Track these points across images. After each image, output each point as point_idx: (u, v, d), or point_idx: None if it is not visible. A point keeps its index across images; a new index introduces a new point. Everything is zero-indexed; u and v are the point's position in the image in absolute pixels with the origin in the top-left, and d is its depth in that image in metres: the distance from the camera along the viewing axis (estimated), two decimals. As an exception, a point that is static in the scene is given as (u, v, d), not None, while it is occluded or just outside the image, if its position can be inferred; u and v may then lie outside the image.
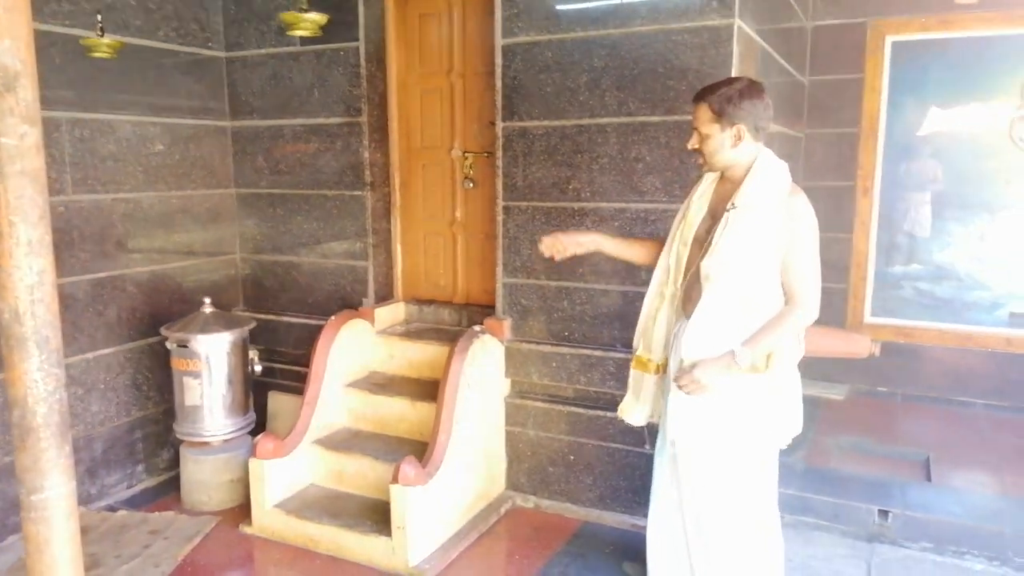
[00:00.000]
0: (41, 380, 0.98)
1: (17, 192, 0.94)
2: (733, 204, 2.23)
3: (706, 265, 2.24)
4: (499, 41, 3.43)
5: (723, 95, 2.22)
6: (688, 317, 2.31)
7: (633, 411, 2.61)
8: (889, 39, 4.69)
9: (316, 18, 3.32)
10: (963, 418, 4.43)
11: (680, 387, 2.27)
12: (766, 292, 2.25)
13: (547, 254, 2.65)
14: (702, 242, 2.31)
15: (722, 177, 2.37)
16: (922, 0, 4.45)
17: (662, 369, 2.48)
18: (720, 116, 2.21)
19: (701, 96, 2.27)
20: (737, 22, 3.01)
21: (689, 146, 2.33)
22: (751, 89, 2.23)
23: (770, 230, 2.18)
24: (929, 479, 3.63)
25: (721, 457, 2.34)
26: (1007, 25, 4.36)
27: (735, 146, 2.24)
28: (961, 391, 4.57)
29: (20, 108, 0.94)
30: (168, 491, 3.78)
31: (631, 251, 2.67)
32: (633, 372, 2.59)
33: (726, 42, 3.02)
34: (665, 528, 2.60)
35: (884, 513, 3.20)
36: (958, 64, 4.57)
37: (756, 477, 2.37)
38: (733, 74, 3.03)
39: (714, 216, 2.32)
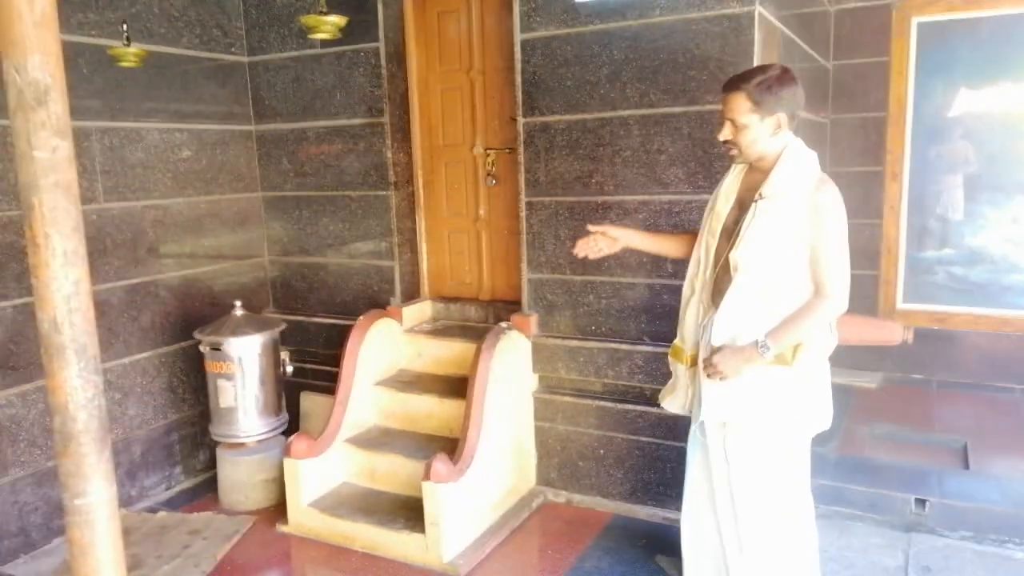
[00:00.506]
0: (80, 387, 1.01)
1: (51, 204, 0.96)
2: (761, 194, 2.21)
3: (735, 256, 2.22)
4: (518, 36, 3.43)
5: (762, 83, 2.17)
6: (716, 308, 2.31)
7: (670, 399, 2.61)
8: (915, 20, 4.60)
9: (336, 20, 3.35)
10: (1000, 404, 4.35)
11: (704, 371, 2.30)
12: (793, 283, 2.22)
13: (582, 254, 2.65)
14: (730, 233, 2.30)
15: (751, 167, 2.34)
16: (948, -22, 4.36)
17: (692, 361, 2.47)
18: (759, 105, 2.17)
19: (735, 85, 2.21)
20: (758, 9, 2.98)
21: (721, 137, 2.27)
22: (787, 76, 2.21)
23: (798, 221, 2.16)
24: (967, 466, 3.57)
25: (749, 445, 2.33)
26: (1037, 1, 4.26)
27: (775, 135, 2.22)
28: (998, 376, 4.48)
29: (52, 122, 0.96)
30: (206, 492, 3.85)
31: (663, 245, 2.68)
32: (671, 360, 2.61)
33: (747, 29, 2.98)
34: (699, 520, 2.59)
35: (921, 502, 3.16)
36: (987, 43, 4.47)
37: (785, 466, 2.35)
38: (756, 62, 3.00)
39: (742, 206, 2.30)
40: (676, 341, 2.54)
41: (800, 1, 3.90)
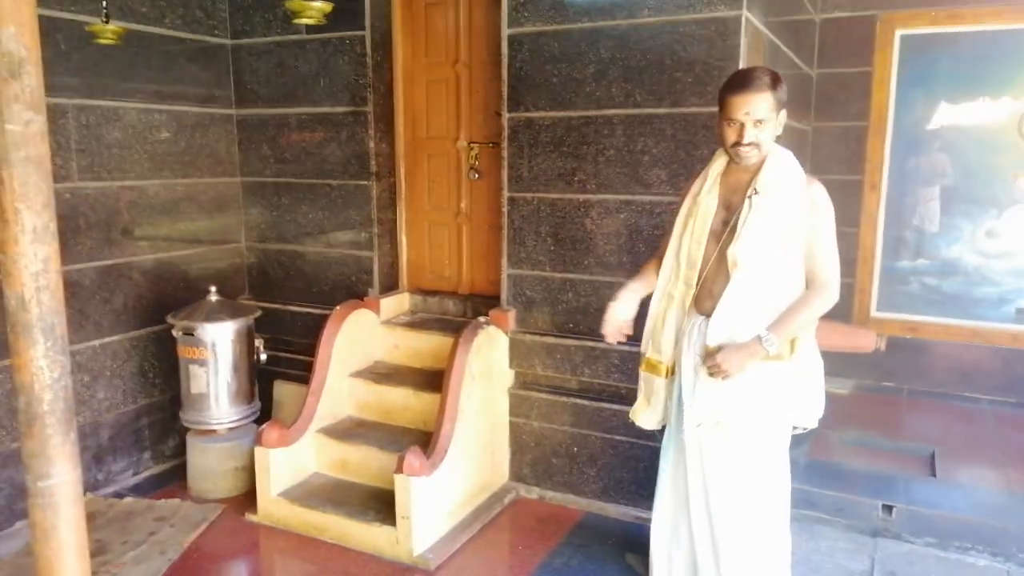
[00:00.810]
0: (47, 367, 0.99)
1: (22, 179, 0.94)
2: (755, 190, 2.22)
3: (733, 252, 2.22)
4: (505, 31, 3.41)
5: (776, 81, 2.19)
6: (707, 314, 2.31)
7: (645, 415, 2.58)
8: (898, 32, 4.65)
9: (321, 6, 3.30)
10: (968, 414, 4.42)
11: (706, 368, 2.27)
12: (789, 277, 2.26)
13: (616, 340, 2.58)
14: (719, 234, 2.30)
15: (728, 168, 2.34)
16: (929, -6, 4.42)
17: (671, 372, 2.47)
18: (779, 103, 2.20)
19: (761, 85, 2.16)
20: (745, 14, 2.99)
21: (748, 140, 2.18)
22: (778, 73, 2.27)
23: (794, 215, 2.20)
24: (934, 474, 3.63)
25: (736, 444, 2.33)
26: (1017, 19, 4.33)
27: (779, 130, 2.26)
28: (967, 387, 4.56)
29: (25, 95, 0.94)
30: (174, 478, 3.80)
31: (651, 279, 2.57)
32: (644, 375, 2.56)
33: (734, 34, 3.00)
34: (671, 522, 2.59)
35: (888, 508, 3.20)
36: (967, 58, 4.53)
37: (768, 467, 2.36)
38: (742, 66, 3.01)
39: (728, 207, 2.31)
40: (651, 356, 2.51)
41: (787, 8, 3.93)
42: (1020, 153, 4.52)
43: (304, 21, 3.40)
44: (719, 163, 2.37)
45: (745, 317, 2.24)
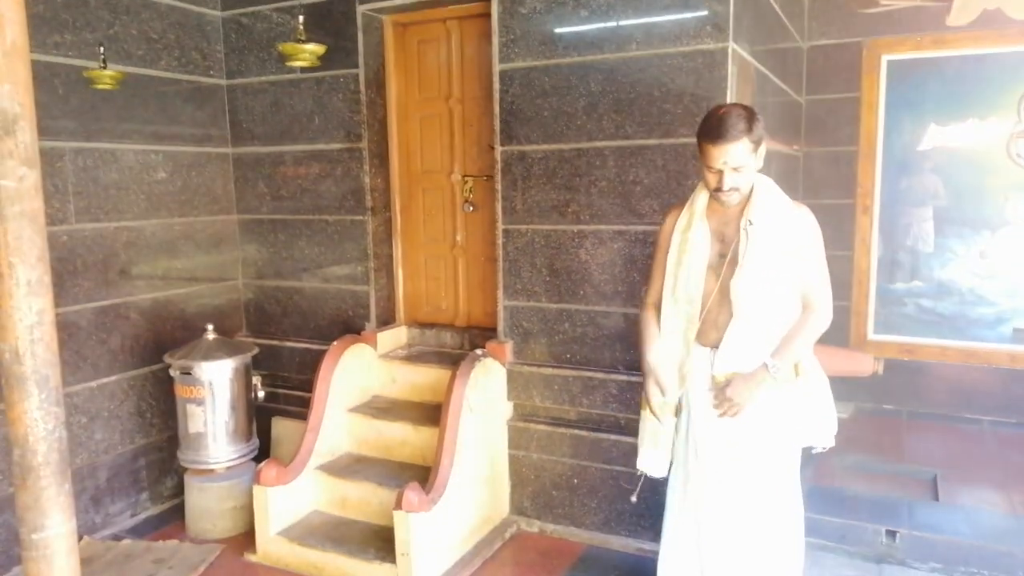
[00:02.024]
0: (41, 419, 0.99)
1: (16, 233, 0.95)
2: (750, 221, 2.24)
3: (737, 284, 2.24)
4: (497, 66, 3.46)
5: (751, 122, 2.17)
6: (712, 345, 2.32)
7: (653, 459, 2.51)
8: (884, 58, 4.72)
9: (314, 49, 3.36)
10: (970, 435, 4.40)
11: (716, 407, 2.28)
12: (789, 303, 2.29)
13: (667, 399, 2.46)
14: (717, 268, 2.31)
15: (712, 205, 2.34)
16: (915, 20, 4.48)
17: (679, 410, 2.47)
18: (756, 144, 2.20)
19: (736, 134, 2.14)
20: (731, 45, 3.04)
21: (727, 187, 2.19)
22: (752, 108, 2.27)
23: (789, 241, 2.24)
24: (936, 498, 3.61)
25: (759, 471, 2.33)
26: (1000, 43, 4.39)
27: (760, 164, 2.28)
28: (967, 408, 4.55)
29: (19, 151, 0.95)
30: (172, 519, 3.77)
31: (656, 328, 2.47)
32: (650, 419, 2.49)
33: (721, 65, 3.04)
34: (679, 556, 2.55)
35: (891, 533, 3.17)
36: (954, 82, 4.59)
37: (789, 493, 2.37)
38: (729, 97, 3.06)
39: (723, 239, 2.32)
40: (659, 401, 2.43)
41: (773, 38, 3.99)
42: (1010, 174, 4.56)
43: (297, 64, 3.46)
44: (703, 196, 2.36)
45: (751, 346, 2.26)
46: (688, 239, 2.35)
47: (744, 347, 2.27)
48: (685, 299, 2.35)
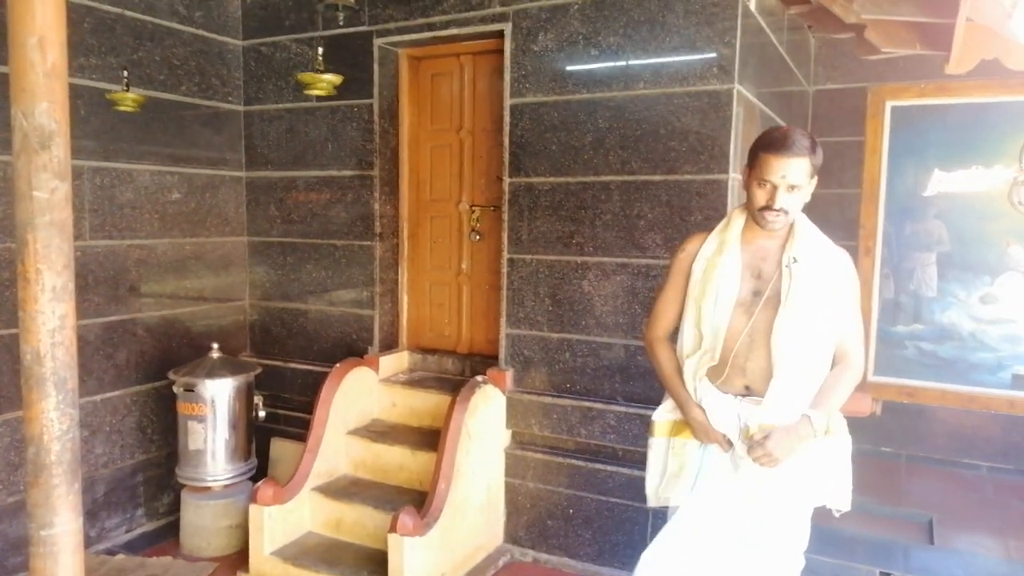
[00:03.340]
0: (57, 419, 1.04)
1: (45, 242, 1.01)
2: (794, 258, 2.07)
3: (780, 327, 2.05)
4: (507, 101, 3.56)
5: (815, 146, 2.03)
6: (738, 393, 2.13)
7: (673, 489, 2.23)
8: (889, 104, 4.79)
9: (332, 79, 3.45)
10: (967, 480, 4.39)
11: (756, 459, 2.06)
12: (828, 350, 2.12)
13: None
14: (749, 307, 2.10)
15: (748, 233, 2.16)
16: (919, 68, 4.57)
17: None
18: (815, 169, 2.05)
19: (802, 150, 1.99)
20: (736, 87, 3.12)
21: (779, 205, 2.01)
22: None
23: (831, 285, 2.09)
24: (932, 541, 3.60)
25: (783, 526, 2.15)
26: (1004, 93, 4.46)
27: (808, 198, 2.11)
28: (965, 453, 4.54)
29: (53, 164, 1.01)
30: (167, 536, 3.78)
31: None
32: (673, 442, 2.25)
33: (726, 106, 3.13)
34: None
35: (886, 575, 3.16)
36: (958, 129, 4.65)
37: (802, 547, 2.23)
38: (734, 137, 3.14)
39: (759, 276, 2.12)
40: (680, 419, 2.25)
41: (779, 80, 4.08)
42: (1011, 221, 4.60)
43: (315, 93, 3.55)
44: (737, 224, 2.17)
45: (793, 399, 2.08)
46: (718, 265, 2.13)
47: (790, 398, 2.07)
48: (710, 334, 2.12)
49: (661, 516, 2.60)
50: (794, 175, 2.00)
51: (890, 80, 4.72)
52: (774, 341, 2.05)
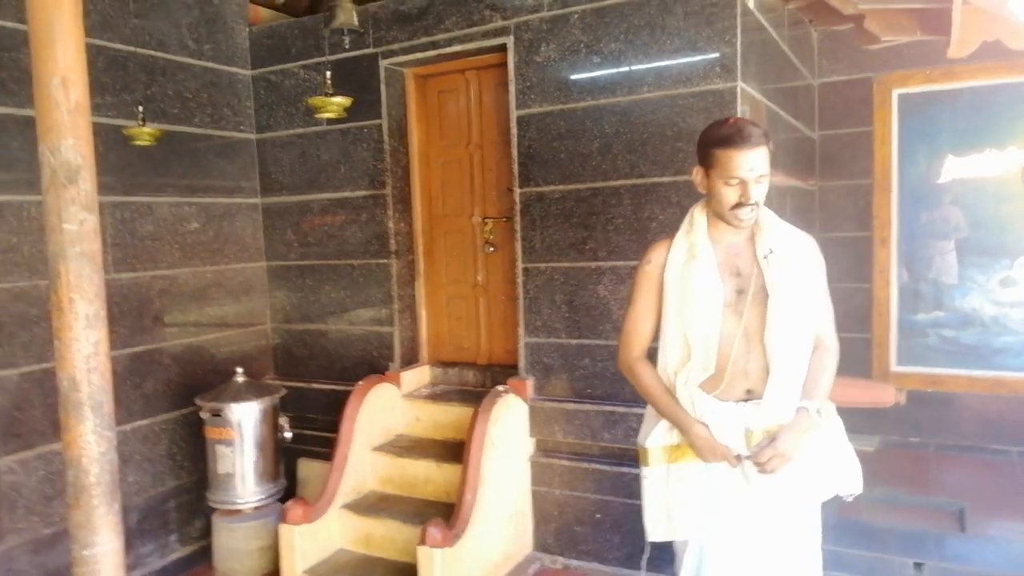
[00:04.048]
0: (94, 442, 1.08)
1: (77, 272, 1.05)
2: (770, 249, 2.03)
3: (772, 323, 1.99)
4: (514, 113, 3.60)
5: (766, 132, 1.98)
6: (740, 399, 2.04)
7: (679, 519, 2.11)
8: (895, 92, 4.79)
9: (341, 101, 3.52)
10: (997, 467, 4.34)
11: (768, 463, 1.96)
12: (811, 337, 2.08)
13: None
14: (736, 307, 2.03)
15: (714, 231, 2.09)
16: (923, 54, 4.56)
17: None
18: (771, 156, 1.99)
19: (759, 139, 1.94)
20: (740, 85, 3.14)
21: (757, 198, 1.97)
22: None
23: (805, 270, 2.07)
24: (964, 530, 3.57)
25: (798, 522, 2.11)
26: (1010, 74, 4.46)
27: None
28: (994, 439, 4.49)
29: (80, 197, 1.06)
30: (200, 560, 3.83)
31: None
32: (673, 469, 2.11)
33: (730, 104, 3.15)
34: None
35: (919, 566, 3.15)
36: (968, 113, 4.64)
37: (818, 539, 2.19)
38: (739, 134, 3.15)
39: (738, 273, 2.05)
40: (680, 442, 2.11)
41: (783, 76, 4.10)
42: (1025, 203, 4.57)
43: (325, 116, 3.62)
44: (701, 224, 2.09)
45: (793, 390, 2.03)
46: (695, 270, 2.05)
47: (790, 393, 2.02)
48: (701, 343, 2.02)
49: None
50: (761, 165, 1.95)
51: (895, 69, 4.72)
52: (769, 337, 1.99)
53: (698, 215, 2.12)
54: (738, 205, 1.97)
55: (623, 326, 2.22)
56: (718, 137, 1.99)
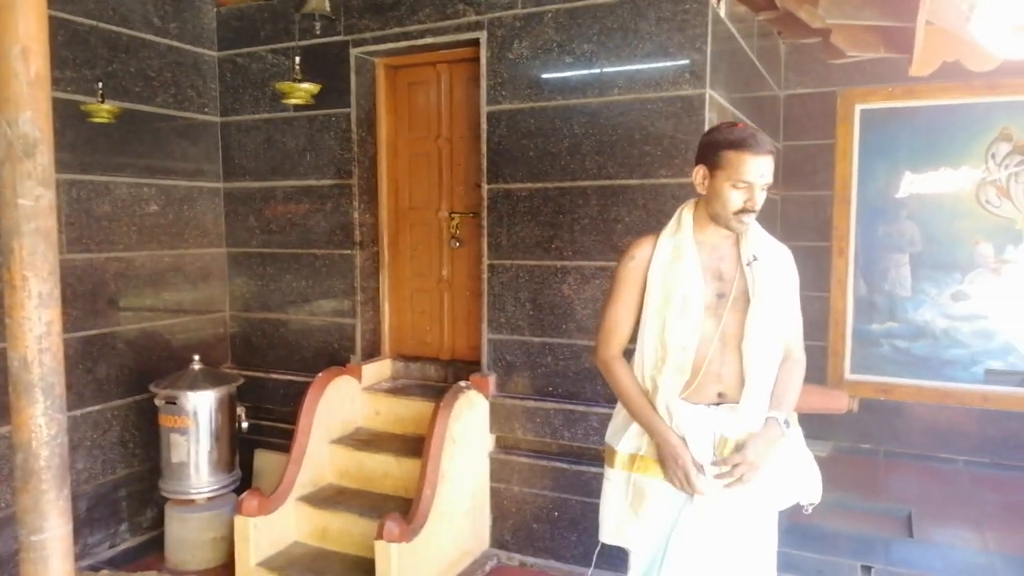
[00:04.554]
0: (45, 425, 1.05)
1: (31, 249, 1.02)
2: (754, 256, 2.03)
3: (751, 329, 1.99)
4: (484, 108, 3.59)
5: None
6: (710, 402, 2.03)
7: (631, 529, 2.09)
8: (858, 107, 4.91)
9: (309, 88, 3.48)
10: (944, 474, 4.47)
11: (734, 471, 1.96)
12: (783, 347, 2.09)
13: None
14: (716, 310, 2.02)
15: (701, 233, 2.07)
16: (887, 71, 4.67)
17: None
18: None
19: (770, 147, 1.96)
20: (709, 92, 3.18)
21: (758, 207, 1.97)
22: None
23: (784, 281, 2.09)
24: (911, 535, 3.66)
25: (759, 532, 2.10)
26: (968, 95, 4.59)
27: None
28: (941, 447, 4.62)
29: (37, 172, 1.03)
30: (151, 550, 3.75)
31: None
32: (635, 479, 2.07)
33: (698, 110, 3.18)
34: None
35: (867, 569, 3.22)
36: (926, 131, 4.77)
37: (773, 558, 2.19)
38: (707, 140, 3.19)
39: (720, 277, 2.05)
40: (644, 453, 2.08)
41: (750, 86, 4.16)
42: (979, 219, 4.72)
43: (292, 102, 3.57)
44: (688, 225, 2.07)
45: (764, 401, 2.03)
46: (678, 271, 2.03)
47: (760, 402, 2.02)
48: (678, 346, 2.00)
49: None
50: (768, 173, 1.95)
51: (859, 84, 4.83)
52: (747, 344, 1.99)
53: (686, 215, 2.10)
54: (742, 210, 1.96)
55: (602, 322, 2.17)
56: (731, 139, 1.96)
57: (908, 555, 3.38)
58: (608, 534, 2.17)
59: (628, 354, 2.18)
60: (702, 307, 2.01)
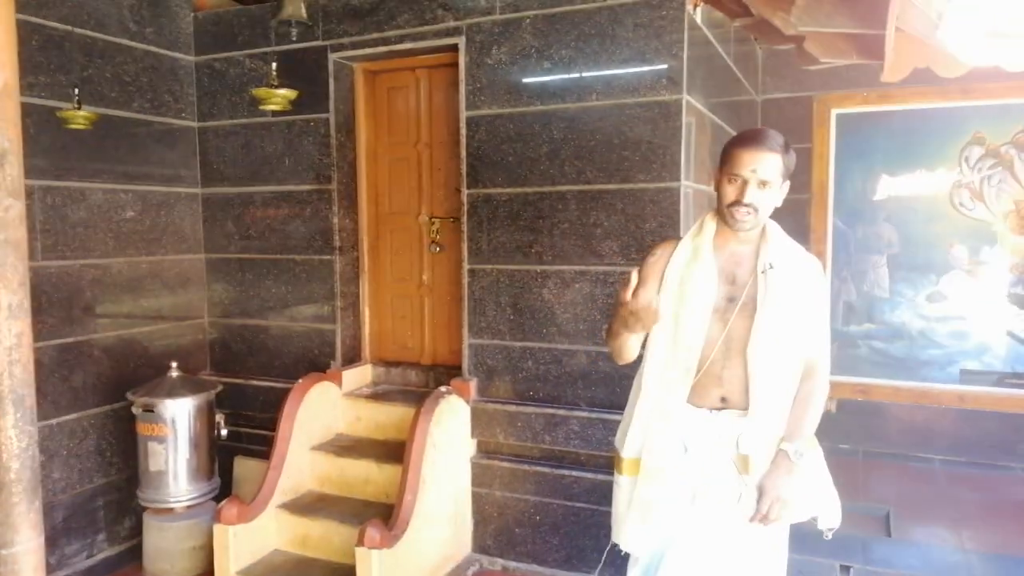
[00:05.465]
0: (15, 437, 1.04)
1: (1, 260, 1.01)
2: (770, 264, 2.00)
3: (755, 335, 1.97)
4: (464, 113, 3.60)
5: (787, 146, 1.99)
6: (712, 406, 2.03)
7: (638, 534, 2.09)
8: (834, 112, 4.96)
9: (286, 94, 3.46)
10: (921, 474, 4.53)
11: (769, 514, 1.96)
12: (800, 360, 2.04)
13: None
14: (724, 313, 2.02)
15: (721, 237, 2.07)
16: (862, 76, 4.73)
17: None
18: (787, 169, 1.99)
19: (772, 144, 1.94)
20: (685, 97, 3.21)
21: (748, 199, 1.93)
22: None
23: (805, 292, 2.03)
24: (889, 534, 3.70)
25: (772, 550, 2.09)
26: (941, 99, 4.66)
27: (779, 202, 2.04)
28: (918, 447, 4.68)
29: (7, 183, 1.02)
30: (130, 560, 3.71)
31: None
32: (640, 486, 2.07)
33: (676, 115, 3.21)
34: None
35: (846, 568, 3.25)
36: (901, 134, 4.84)
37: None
38: (684, 146, 3.22)
39: (733, 281, 2.04)
40: (649, 461, 2.07)
41: (727, 91, 4.20)
42: (954, 222, 4.79)
43: (270, 108, 3.55)
44: (709, 229, 2.08)
45: (779, 409, 2.02)
46: (694, 272, 2.04)
47: (775, 411, 2.00)
48: (685, 347, 2.01)
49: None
50: (764, 170, 1.93)
51: (835, 89, 4.88)
52: (751, 350, 1.97)
53: (708, 220, 2.11)
54: (734, 203, 1.96)
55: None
56: (736, 138, 2.02)
57: (886, 554, 3.42)
58: (617, 537, 2.18)
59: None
60: (711, 309, 2.02)
